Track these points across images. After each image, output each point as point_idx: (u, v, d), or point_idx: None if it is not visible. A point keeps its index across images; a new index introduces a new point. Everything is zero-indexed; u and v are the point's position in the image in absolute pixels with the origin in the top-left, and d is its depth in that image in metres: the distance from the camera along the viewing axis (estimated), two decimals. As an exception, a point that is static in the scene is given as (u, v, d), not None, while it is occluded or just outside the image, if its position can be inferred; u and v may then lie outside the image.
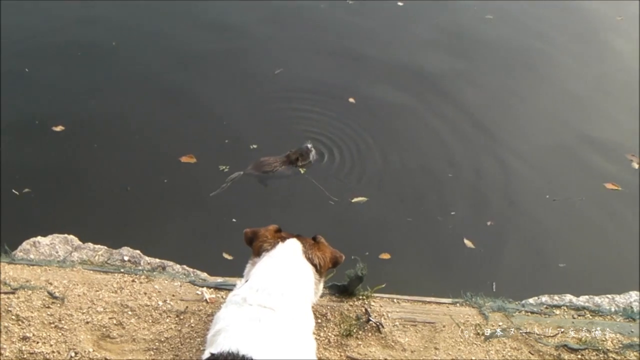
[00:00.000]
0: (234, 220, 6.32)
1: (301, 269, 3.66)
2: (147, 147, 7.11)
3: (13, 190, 6.29)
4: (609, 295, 4.94)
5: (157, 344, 4.19)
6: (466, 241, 6.29)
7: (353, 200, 6.61)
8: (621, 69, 9.27)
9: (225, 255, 5.80)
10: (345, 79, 8.40)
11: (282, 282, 3.48)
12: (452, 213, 6.62)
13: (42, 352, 4.07)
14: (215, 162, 6.95)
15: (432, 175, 7.16)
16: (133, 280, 4.62)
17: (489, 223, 6.53)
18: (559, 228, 6.69)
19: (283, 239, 3.76)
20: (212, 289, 4.62)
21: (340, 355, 4.21)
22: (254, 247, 3.79)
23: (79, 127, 7.27)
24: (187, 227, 6.25)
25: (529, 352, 4.33)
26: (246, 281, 3.61)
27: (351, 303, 4.57)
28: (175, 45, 8.76)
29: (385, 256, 5.96)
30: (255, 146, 7.19)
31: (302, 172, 6.97)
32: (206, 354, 3.16)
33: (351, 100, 8.04)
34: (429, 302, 4.66)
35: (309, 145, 7.14)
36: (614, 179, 7.17)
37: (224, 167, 6.84)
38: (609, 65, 9.35)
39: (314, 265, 3.71)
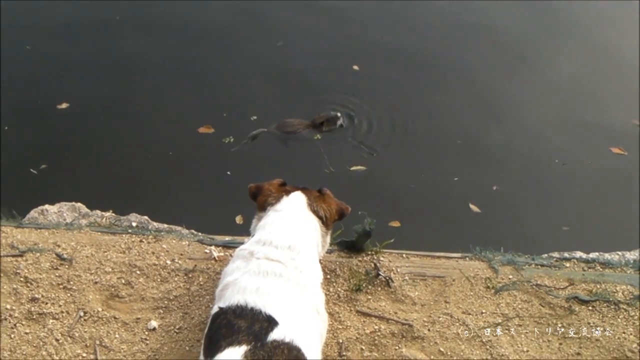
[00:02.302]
0: (228, 172, 6.32)
1: (307, 221, 3.63)
2: (151, 120, 7.01)
3: (31, 170, 6.22)
4: (619, 252, 4.87)
5: (165, 302, 4.16)
6: (472, 206, 6.19)
7: (352, 169, 6.52)
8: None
9: (238, 220, 5.72)
10: (349, 48, 8.27)
11: (288, 235, 3.44)
12: (455, 179, 6.51)
13: (51, 312, 4.04)
14: (217, 134, 6.86)
15: (434, 141, 7.06)
16: (141, 241, 4.59)
17: (494, 188, 6.43)
18: (564, 192, 6.58)
19: (287, 193, 3.72)
20: (220, 247, 4.59)
21: (350, 310, 4.17)
22: (259, 201, 3.76)
23: (84, 103, 7.16)
24: (196, 196, 6.14)
25: (540, 304, 4.29)
26: (253, 236, 3.58)
27: (360, 259, 4.53)
28: (175, 20, 8.64)
29: (395, 224, 5.87)
30: (255, 117, 7.09)
31: (316, 137, 6.90)
32: (215, 309, 3.13)
33: (355, 67, 7.92)
34: (438, 257, 4.62)
35: (338, 114, 7.05)
36: (620, 145, 7.06)
37: (227, 139, 6.75)
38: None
39: (320, 218, 3.69)
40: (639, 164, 6.71)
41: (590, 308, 4.28)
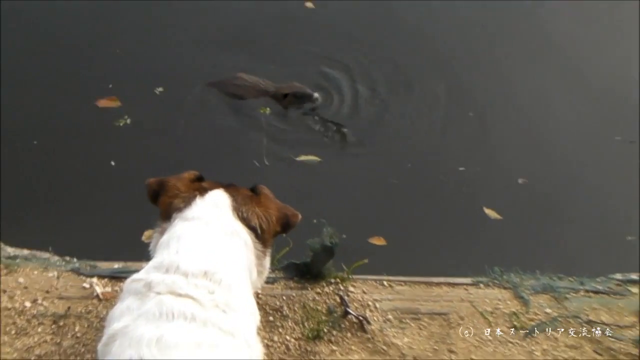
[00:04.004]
0: (112, 163, 6.15)
1: (232, 234, 3.43)
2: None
3: None
4: None
5: (24, 365, 4.03)
6: (487, 210, 6.09)
7: (299, 159, 6.41)
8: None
9: (145, 238, 5.50)
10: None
11: (204, 256, 3.27)
12: (462, 169, 6.44)
13: None
14: (110, 112, 6.75)
15: (429, 111, 6.98)
16: (-16, 273, 4.47)
17: (520, 181, 6.34)
18: (627, 182, 6.50)
19: (203, 192, 3.54)
20: (105, 280, 4.46)
21: (306, 369, 4.08)
22: (161, 205, 3.59)
23: None
24: (72, 207, 5.92)
25: (594, 350, 4.21)
26: (152, 259, 3.45)
27: (319, 290, 4.45)
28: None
29: (378, 241, 5.74)
30: (161, 89, 7.00)
31: (263, 110, 6.84)
32: (96, 371, 3.02)
33: (308, 4, 7.86)
34: (438, 284, 4.55)
35: (315, 95, 6.93)
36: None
37: (122, 121, 6.63)
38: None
39: (252, 229, 3.50)
40: None
41: (673, 355, 4.22)
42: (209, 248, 3.32)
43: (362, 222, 5.74)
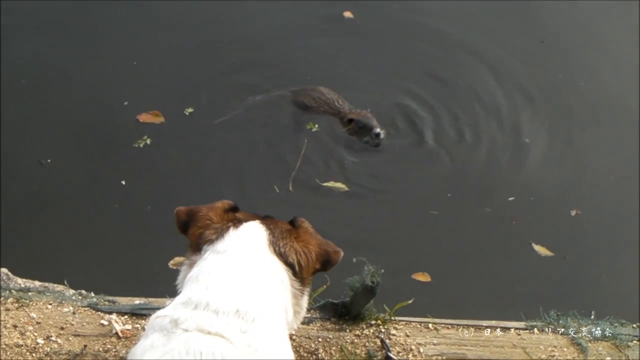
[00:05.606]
0: (122, 182, 6.13)
1: (268, 270, 3.35)
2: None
3: None
4: None
5: (36, 410, 3.98)
6: (536, 247, 6.04)
7: (325, 184, 6.40)
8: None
9: (172, 264, 5.48)
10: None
11: (236, 293, 3.21)
12: (511, 199, 6.42)
13: None
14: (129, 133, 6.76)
15: (469, 137, 6.98)
16: (-6, 307, 4.43)
17: (573, 212, 6.28)
18: None
19: (237, 223, 3.48)
20: (126, 316, 4.39)
21: (343, 419, 4.03)
22: (191, 236, 3.54)
23: None
24: (88, 235, 5.98)
25: (657, 405, 4.16)
26: (179, 293, 3.43)
27: (358, 332, 4.36)
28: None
29: (423, 277, 5.72)
30: (191, 110, 7.02)
31: (310, 127, 6.90)
32: (116, 420, 2.97)
33: (347, 14, 7.88)
34: (487, 328, 4.46)
35: (379, 130, 7.01)
36: None
37: (141, 142, 6.65)
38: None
39: (290, 266, 3.42)
40: None
41: None
42: (242, 284, 3.22)
43: (403, 256, 5.70)
